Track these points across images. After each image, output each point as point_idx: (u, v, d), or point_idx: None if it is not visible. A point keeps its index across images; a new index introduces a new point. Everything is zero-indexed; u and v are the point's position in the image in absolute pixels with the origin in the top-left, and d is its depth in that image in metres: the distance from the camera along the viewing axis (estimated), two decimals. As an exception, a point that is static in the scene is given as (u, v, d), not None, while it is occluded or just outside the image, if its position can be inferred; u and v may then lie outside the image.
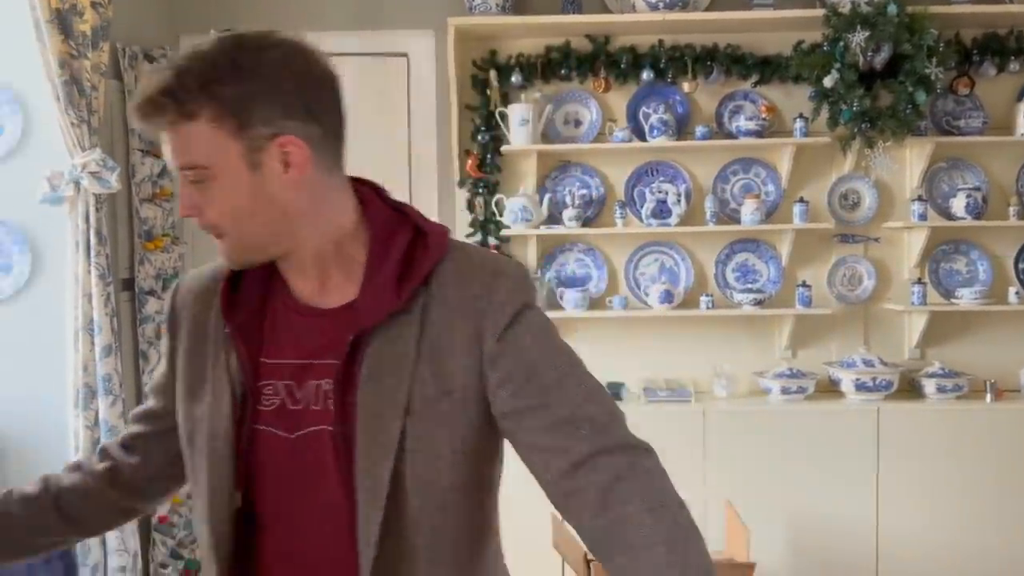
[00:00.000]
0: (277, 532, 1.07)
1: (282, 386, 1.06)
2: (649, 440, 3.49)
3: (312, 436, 1.04)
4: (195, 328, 1.13)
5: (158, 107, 0.98)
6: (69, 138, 2.71)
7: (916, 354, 3.64)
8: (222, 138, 0.99)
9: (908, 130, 3.38)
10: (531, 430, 1.03)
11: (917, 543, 3.31)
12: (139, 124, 1.03)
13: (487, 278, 1.06)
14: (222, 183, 1.00)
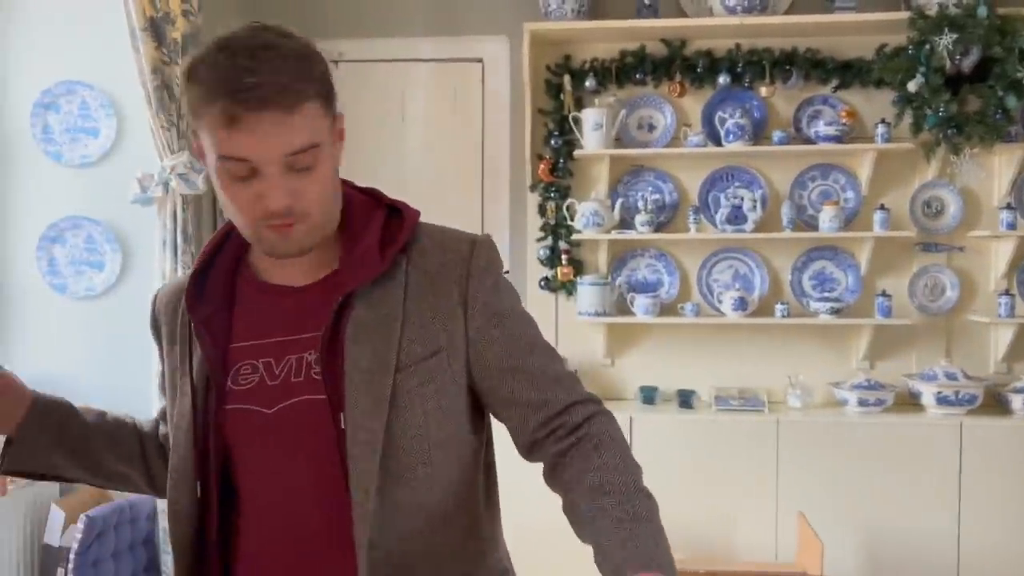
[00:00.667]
0: (253, 507, 1.11)
1: (260, 364, 1.10)
2: (720, 449, 3.51)
3: (293, 407, 1.08)
4: (170, 332, 1.19)
5: (297, 90, 1.00)
6: (159, 141, 2.82)
7: (1002, 368, 3.51)
8: (323, 115, 1.04)
9: (997, 136, 3.27)
10: (514, 386, 1.12)
11: (999, 561, 3.19)
12: (263, 108, 0.98)
13: (465, 245, 1.14)
14: (323, 160, 1.05)
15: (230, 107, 0.98)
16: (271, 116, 0.98)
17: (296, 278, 1.12)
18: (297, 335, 1.09)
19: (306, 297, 1.11)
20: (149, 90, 2.75)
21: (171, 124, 2.82)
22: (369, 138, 3.74)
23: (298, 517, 1.08)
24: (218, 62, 0.99)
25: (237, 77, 0.98)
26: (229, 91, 0.98)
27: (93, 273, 3.00)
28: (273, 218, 1.03)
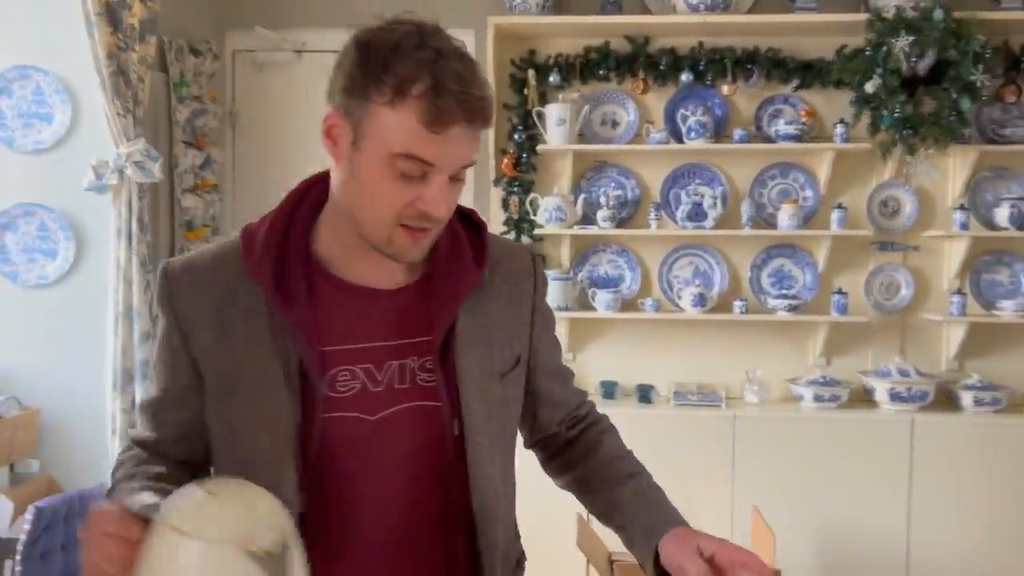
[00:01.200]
0: (356, 520, 1.08)
1: (359, 370, 1.06)
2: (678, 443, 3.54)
3: (399, 413, 1.07)
4: (216, 322, 1.07)
5: (491, 112, 1.01)
6: (115, 128, 2.78)
7: (954, 366, 3.58)
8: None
9: (951, 138, 3.33)
10: (552, 386, 1.25)
11: (948, 556, 3.25)
12: (474, 122, 0.98)
13: (529, 256, 1.22)
14: (464, 180, 1.05)
15: (450, 112, 0.95)
16: (473, 131, 0.99)
17: (379, 280, 1.09)
18: (397, 340, 1.08)
19: (402, 302, 1.09)
20: (104, 76, 2.71)
21: (127, 111, 2.77)
22: (332, 129, 3.71)
23: (391, 519, 1.08)
24: (438, 62, 0.95)
25: (466, 86, 0.96)
26: (456, 96, 0.95)
27: (46, 261, 2.94)
28: (422, 222, 1.01)
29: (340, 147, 1.02)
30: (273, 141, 3.72)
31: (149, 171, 2.82)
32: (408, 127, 0.96)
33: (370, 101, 0.97)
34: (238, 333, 1.06)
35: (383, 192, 0.99)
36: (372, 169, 0.99)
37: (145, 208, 2.89)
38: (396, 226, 1.01)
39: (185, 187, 3.28)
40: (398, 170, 0.98)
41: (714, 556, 1.06)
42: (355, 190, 1.02)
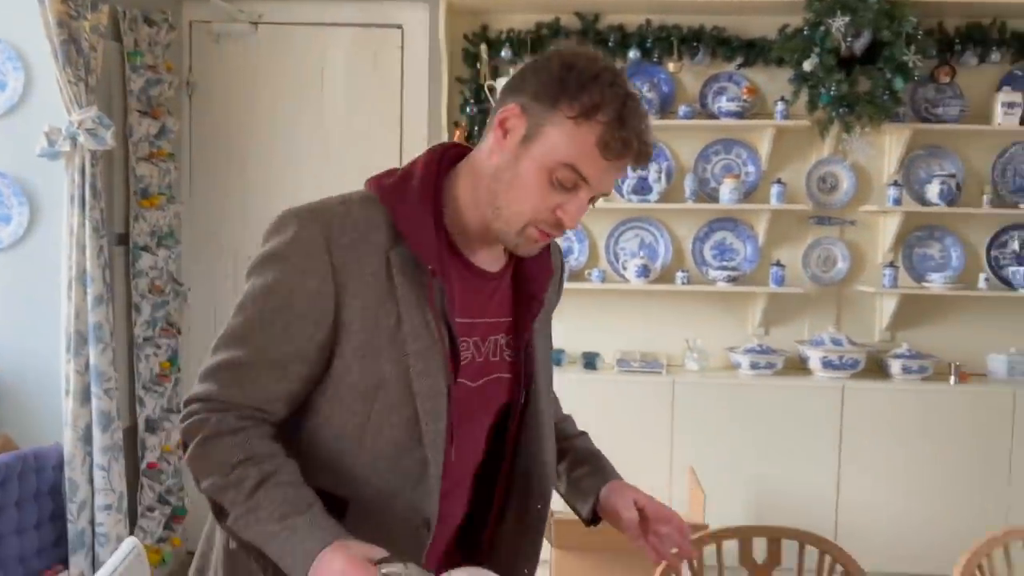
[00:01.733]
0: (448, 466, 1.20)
1: (471, 343, 1.19)
2: (620, 408, 3.71)
3: (490, 382, 1.21)
4: (369, 284, 1.11)
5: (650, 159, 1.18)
6: (67, 95, 2.82)
7: (886, 336, 3.74)
8: None
9: (885, 116, 3.46)
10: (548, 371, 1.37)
11: (875, 514, 3.42)
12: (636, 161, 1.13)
13: (560, 254, 1.38)
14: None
15: (624, 142, 1.08)
16: (627, 165, 1.13)
17: (489, 264, 1.21)
18: (495, 318, 1.22)
19: (499, 285, 1.22)
20: (55, 44, 2.75)
21: (78, 79, 2.82)
22: (288, 102, 3.78)
23: (464, 465, 1.24)
24: (628, 106, 1.08)
25: (644, 134, 1.10)
26: (632, 131, 1.08)
27: (0, 226, 3.00)
28: (553, 228, 1.13)
29: (509, 139, 1.11)
30: (230, 111, 3.78)
31: (101, 138, 2.88)
32: (583, 144, 1.08)
33: (558, 111, 1.08)
34: (399, 295, 1.11)
35: (534, 190, 1.10)
36: (533, 167, 1.10)
37: (98, 175, 2.94)
38: (531, 225, 1.12)
39: (140, 155, 3.34)
40: (556, 177, 1.09)
41: (644, 508, 1.30)
42: (509, 181, 1.11)
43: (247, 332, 1.12)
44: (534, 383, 1.25)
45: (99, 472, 2.95)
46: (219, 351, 1.13)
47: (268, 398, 1.12)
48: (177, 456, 3.57)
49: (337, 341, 1.11)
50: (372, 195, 1.15)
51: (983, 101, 3.64)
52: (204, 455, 1.08)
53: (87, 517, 2.95)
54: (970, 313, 3.71)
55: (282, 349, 1.11)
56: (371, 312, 1.10)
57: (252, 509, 1.05)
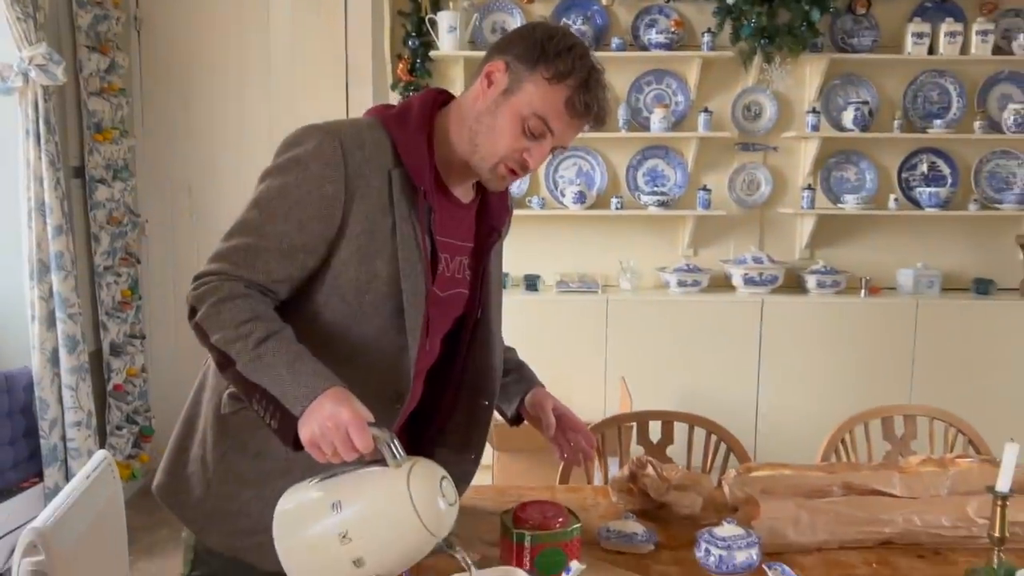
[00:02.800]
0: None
1: (444, 258, 1.40)
2: (559, 325, 4.00)
3: (454, 295, 1.44)
4: (373, 195, 1.30)
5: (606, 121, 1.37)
6: (16, 32, 2.93)
7: (806, 254, 4.02)
8: None
9: (803, 47, 3.67)
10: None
11: (792, 418, 3.74)
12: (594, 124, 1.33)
13: (508, 195, 1.58)
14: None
15: (585, 105, 1.30)
16: (585, 124, 1.34)
17: (462, 195, 1.43)
18: (462, 242, 1.44)
19: (468, 215, 1.45)
20: (3, -19, 2.85)
21: (27, 16, 2.93)
22: (236, 42, 3.88)
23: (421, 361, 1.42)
24: (591, 76, 1.30)
25: (601, 92, 1.31)
26: (593, 96, 1.30)
27: (-42, 161, 3.12)
28: (519, 167, 1.34)
29: (492, 89, 1.32)
30: (177, 46, 3.88)
31: (52, 74, 2.99)
32: (554, 101, 1.29)
33: (536, 71, 1.29)
34: (396, 208, 1.32)
35: (508, 134, 1.31)
36: (509, 115, 1.31)
37: (51, 110, 3.06)
38: (504, 163, 1.33)
39: (91, 90, 3.45)
40: (528, 125, 1.31)
41: (561, 416, 1.56)
42: (489, 124, 1.32)
43: (263, 223, 1.29)
44: (488, 300, 1.49)
45: (68, 391, 3.15)
46: (233, 237, 1.30)
47: (275, 279, 1.30)
48: (143, 380, 3.77)
49: (340, 239, 1.30)
50: (376, 121, 1.35)
51: (896, 31, 3.86)
52: (216, 313, 1.25)
53: (59, 433, 3.16)
54: (882, 231, 4.01)
55: (294, 240, 1.29)
56: (372, 219, 1.30)
57: (259, 356, 1.22)
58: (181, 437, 1.45)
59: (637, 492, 1.67)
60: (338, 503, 1.12)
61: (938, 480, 1.64)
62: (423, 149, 1.33)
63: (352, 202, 1.29)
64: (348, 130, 1.32)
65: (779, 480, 1.64)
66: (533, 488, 1.81)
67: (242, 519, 1.37)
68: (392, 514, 1.10)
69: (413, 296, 1.33)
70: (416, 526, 1.09)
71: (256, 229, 1.29)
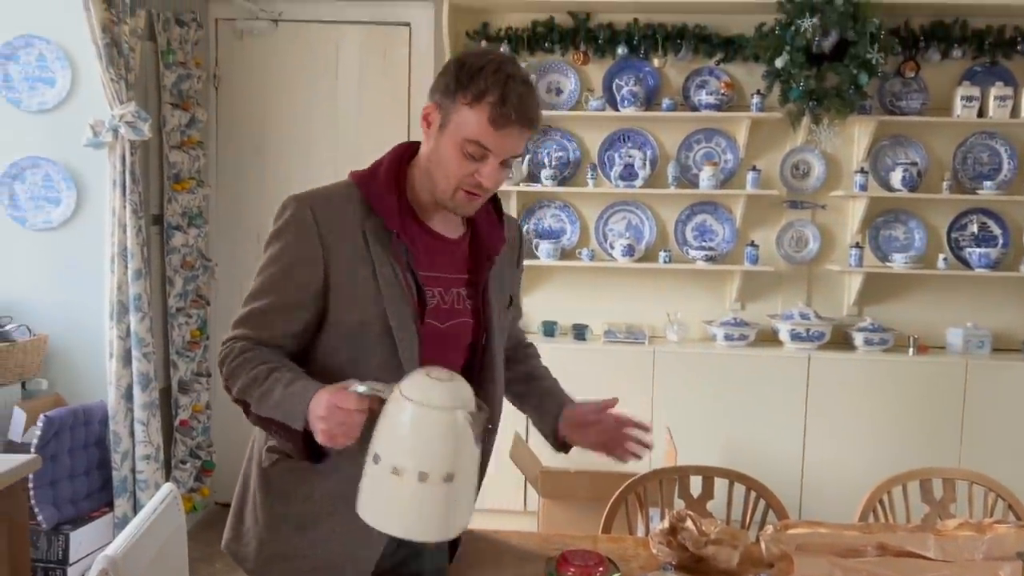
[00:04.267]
0: None
1: (436, 292, 1.51)
2: (606, 375, 4.11)
3: (457, 324, 1.54)
4: (347, 246, 1.45)
5: (537, 122, 1.44)
6: (109, 92, 3.18)
7: (853, 311, 4.06)
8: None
9: (851, 109, 3.75)
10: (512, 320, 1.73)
11: (837, 474, 3.74)
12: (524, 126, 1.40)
13: (518, 226, 1.74)
14: (511, 166, 1.49)
15: (508, 116, 1.37)
16: (521, 131, 1.41)
17: (448, 231, 1.55)
18: (455, 274, 1.54)
19: (459, 248, 1.56)
20: (100, 47, 3.10)
21: (119, 77, 3.18)
22: (305, 93, 4.12)
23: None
24: (508, 84, 1.37)
25: (523, 99, 1.39)
26: (514, 106, 1.38)
27: (50, 208, 3.37)
28: (476, 189, 1.43)
29: (431, 129, 1.45)
30: (252, 102, 4.13)
31: (140, 130, 3.24)
32: (478, 123, 1.39)
33: (456, 101, 1.40)
34: (372, 252, 1.45)
35: (454, 164, 1.42)
36: (449, 146, 1.42)
37: (137, 162, 3.30)
38: (459, 190, 1.44)
39: (172, 144, 3.70)
40: (467, 151, 1.41)
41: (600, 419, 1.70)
42: (436, 160, 1.44)
43: (264, 289, 1.48)
44: (491, 325, 1.58)
45: (139, 426, 3.34)
46: (245, 305, 1.51)
47: (281, 334, 1.48)
48: (206, 416, 3.96)
49: (328, 292, 1.46)
50: (350, 181, 1.52)
51: (945, 94, 3.92)
52: (233, 371, 1.44)
53: (129, 466, 3.34)
54: (930, 290, 4.03)
55: (288, 300, 1.47)
56: (353, 269, 1.45)
57: (263, 392, 1.39)
58: (239, 496, 1.61)
59: (676, 545, 1.75)
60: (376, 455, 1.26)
61: (973, 544, 1.68)
62: (391, 195, 1.47)
63: (331, 258, 1.44)
64: (320, 194, 1.50)
65: (815, 538, 1.70)
66: (576, 536, 1.90)
67: (299, 561, 1.50)
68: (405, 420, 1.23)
69: (402, 331, 1.45)
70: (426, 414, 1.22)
71: (260, 294, 1.48)
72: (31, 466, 2.05)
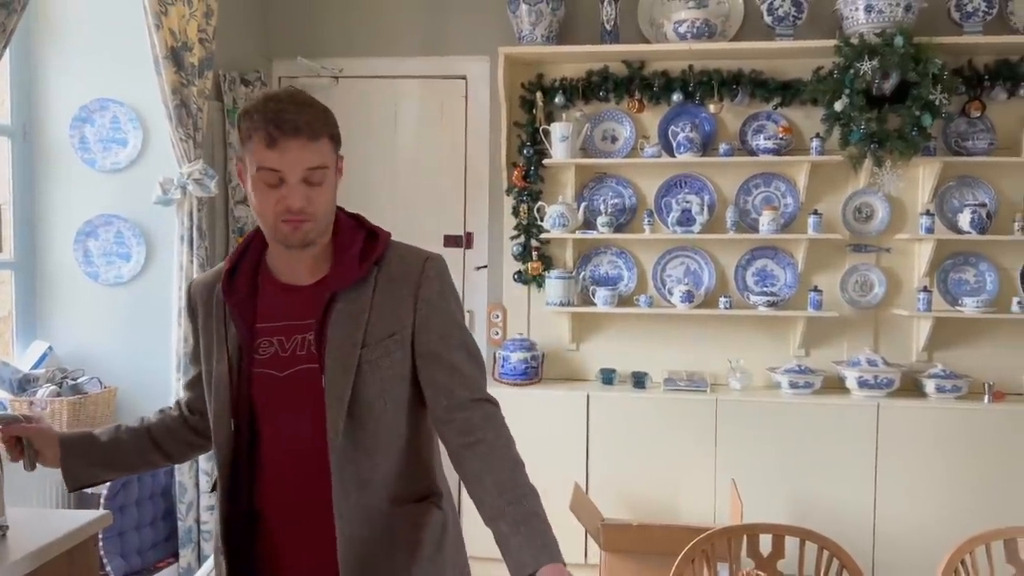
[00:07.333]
0: (270, 440, 1.52)
1: (275, 341, 1.52)
2: (667, 424, 4.01)
3: (299, 372, 1.50)
4: (205, 311, 1.61)
5: (318, 128, 1.44)
6: (178, 151, 3.29)
7: (923, 356, 3.93)
8: (332, 151, 1.49)
9: (914, 151, 3.68)
10: (434, 370, 1.51)
11: (911, 528, 3.60)
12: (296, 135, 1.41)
13: (421, 259, 1.56)
14: (328, 180, 1.48)
15: (273, 133, 1.41)
16: (299, 142, 1.42)
17: (301, 278, 1.54)
18: (300, 320, 1.51)
19: (306, 294, 1.52)
20: (170, 108, 3.22)
21: (188, 137, 3.29)
22: (365, 145, 4.21)
23: (297, 447, 1.51)
24: (266, 104, 1.43)
25: (280, 113, 1.42)
26: (274, 122, 1.41)
27: (121, 263, 3.48)
28: (290, 215, 1.43)
29: (243, 180, 1.51)
30: (313, 157, 4.22)
31: (207, 187, 3.34)
32: (256, 151, 1.44)
33: (244, 147, 1.47)
34: (212, 318, 1.58)
35: (260, 199, 1.46)
36: (253, 188, 1.47)
37: (203, 218, 3.40)
38: (278, 221, 1.45)
39: (237, 199, 3.80)
40: (263, 181, 1.44)
41: None
42: (254, 206, 1.49)
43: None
44: (328, 362, 1.47)
45: (204, 476, 3.38)
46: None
47: (191, 399, 1.74)
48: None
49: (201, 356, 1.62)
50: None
51: (1013, 133, 3.82)
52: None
53: (194, 516, 3.38)
54: (1005, 335, 3.88)
55: (191, 365, 1.70)
56: (204, 330, 1.60)
57: None
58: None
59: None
60: None
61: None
62: (231, 256, 1.59)
63: (195, 322, 1.63)
64: (200, 276, 1.75)
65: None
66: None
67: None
68: None
69: (216, 382, 1.54)
70: None
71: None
72: (102, 522, 2.09)
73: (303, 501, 1.52)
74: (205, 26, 3.36)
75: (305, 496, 1.51)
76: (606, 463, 3.76)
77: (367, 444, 1.49)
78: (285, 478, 1.53)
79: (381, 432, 1.50)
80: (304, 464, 1.51)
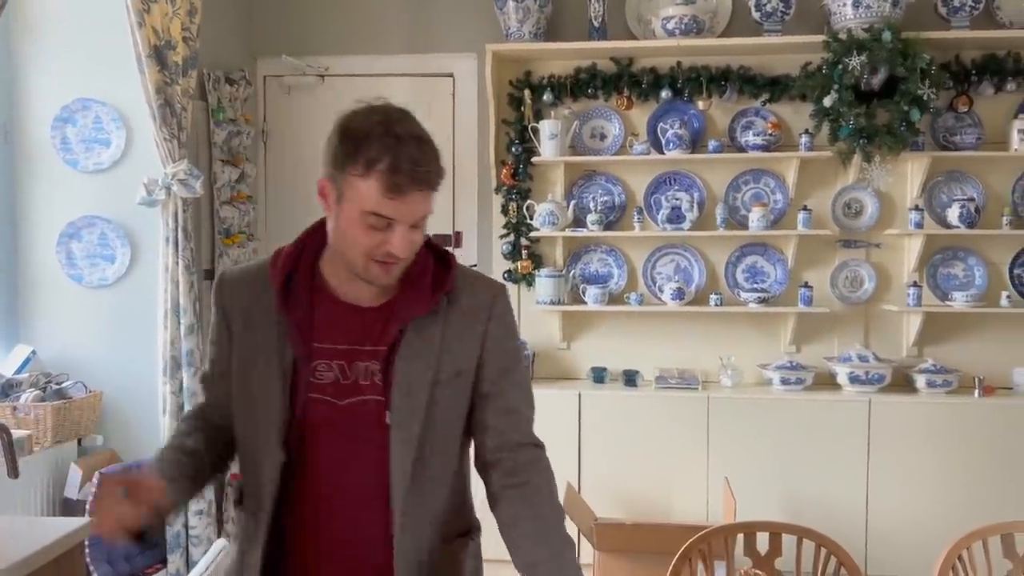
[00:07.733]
0: (320, 476, 1.40)
1: (335, 365, 1.39)
2: (659, 422, 3.97)
3: (361, 404, 1.39)
4: (244, 318, 1.44)
5: (438, 177, 1.33)
6: (162, 151, 3.25)
7: (913, 351, 3.93)
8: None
9: (903, 146, 3.68)
10: (489, 410, 1.46)
11: (903, 523, 3.60)
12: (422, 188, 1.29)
13: (490, 294, 1.48)
14: (423, 226, 1.38)
15: (401, 182, 1.27)
16: (423, 194, 1.31)
17: (363, 300, 1.41)
18: (363, 346, 1.40)
19: (370, 317, 1.41)
20: (153, 107, 3.17)
21: (172, 136, 3.24)
22: (351, 145, 4.16)
23: (349, 479, 1.41)
24: (393, 143, 1.27)
25: (412, 164, 1.28)
26: (406, 172, 1.27)
27: (105, 265, 3.43)
28: (388, 258, 1.33)
29: (329, 204, 1.36)
30: (300, 156, 4.19)
31: (192, 187, 3.29)
32: (373, 194, 1.29)
33: (347, 173, 1.30)
34: (257, 326, 1.43)
35: (358, 238, 1.33)
36: (350, 221, 1.32)
37: (189, 219, 3.35)
38: (370, 261, 1.34)
39: (223, 199, 3.76)
40: (368, 223, 1.31)
41: None
42: (340, 235, 1.35)
43: (209, 357, 1.54)
44: (396, 404, 1.38)
45: (192, 481, 3.33)
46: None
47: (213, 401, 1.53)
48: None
49: (232, 360, 1.46)
50: (272, 257, 1.48)
51: (1000, 128, 3.83)
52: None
53: (181, 521, 3.34)
54: (994, 329, 3.89)
55: (216, 369, 1.50)
56: (240, 337, 1.45)
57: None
58: None
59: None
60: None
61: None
62: (285, 261, 1.42)
63: (232, 324, 1.46)
64: (235, 271, 1.53)
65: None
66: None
67: None
68: None
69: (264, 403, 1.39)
70: None
71: (209, 355, 1.53)
72: (88, 529, 2.05)
73: (350, 533, 1.44)
74: (189, 24, 3.32)
75: (353, 528, 1.43)
76: (598, 462, 3.74)
77: (429, 481, 1.43)
78: (333, 509, 1.43)
79: (442, 469, 1.45)
80: (355, 495, 1.43)
